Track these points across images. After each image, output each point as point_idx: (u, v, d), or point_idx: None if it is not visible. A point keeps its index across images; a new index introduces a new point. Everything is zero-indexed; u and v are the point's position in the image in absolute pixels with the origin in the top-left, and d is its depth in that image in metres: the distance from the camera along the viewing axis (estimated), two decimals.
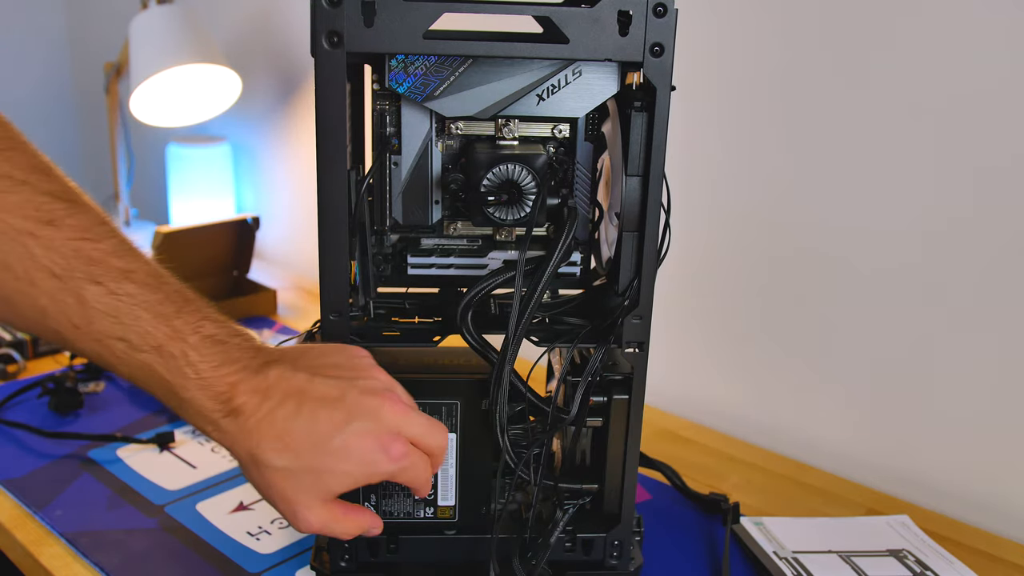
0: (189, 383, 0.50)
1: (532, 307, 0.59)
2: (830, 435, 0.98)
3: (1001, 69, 0.80)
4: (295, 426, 0.51)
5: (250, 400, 0.51)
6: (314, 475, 0.52)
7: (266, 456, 0.51)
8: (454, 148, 0.65)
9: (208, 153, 1.59)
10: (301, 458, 0.51)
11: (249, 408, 0.51)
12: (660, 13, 0.57)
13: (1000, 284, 0.84)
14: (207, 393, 0.51)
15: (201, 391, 0.51)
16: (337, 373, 0.54)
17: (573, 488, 0.67)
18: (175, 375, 0.50)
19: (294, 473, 0.52)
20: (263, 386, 0.51)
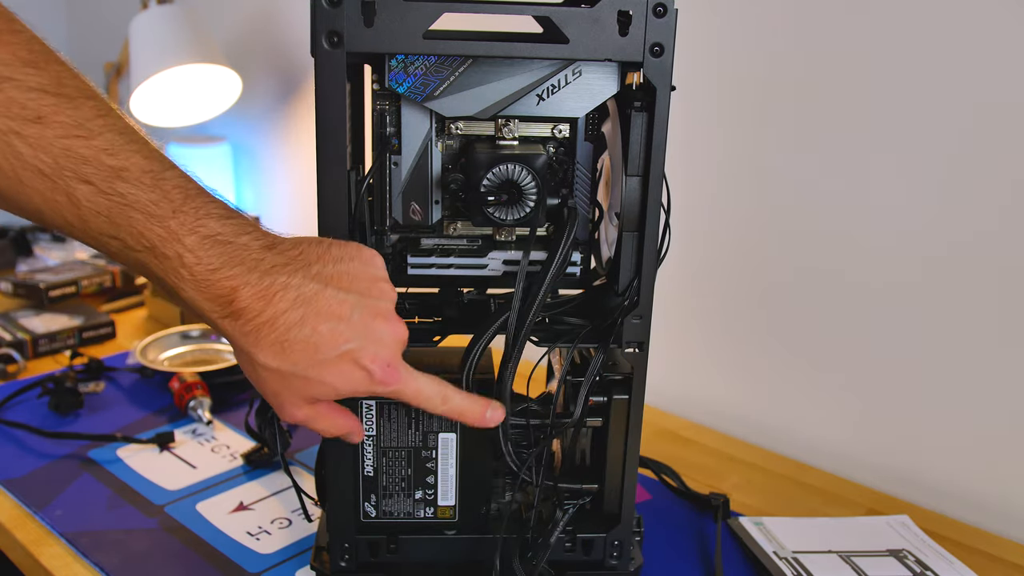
0: (185, 284, 0.49)
1: (535, 311, 0.59)
2: (830, 435, 0.98)
3: (1001, 69, 0.80)
4: (296, 335, 0.51)
5: (253, 304, 0.50)
6: (304, 381, 0.53)
7: (262, 357, 0.51)
8: (454, 148, 0.65)
9: (208, 153, 1.59)
10: (296, 365, 0.52)
11: (250, 312, 0.50)
12: (660, 13, 0.57)
13: (1000, 284, 0.84)
14: (204, 295, 0.50)
15: (198, 292, 0.50)
16: (349, 285, 0.53)
17: (573, 488, 0.67)
18: (171, 276, 0.49)
19: (285, 376, 0.52)
20: (268, 292, 0.51)
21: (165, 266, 0.49)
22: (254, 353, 0.51)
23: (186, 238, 0.49)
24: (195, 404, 0.98)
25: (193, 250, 0.49)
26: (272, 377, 0.53)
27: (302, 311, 0.51)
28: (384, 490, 0.67)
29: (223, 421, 0.99)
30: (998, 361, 0.85)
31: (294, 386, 0.53)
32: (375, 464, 0.67)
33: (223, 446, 0.94)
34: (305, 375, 0.52)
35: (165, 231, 0.48)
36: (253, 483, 0.86)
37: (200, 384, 1.00)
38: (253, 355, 0.52)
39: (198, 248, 0.49)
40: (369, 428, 0.66)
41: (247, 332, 0.51)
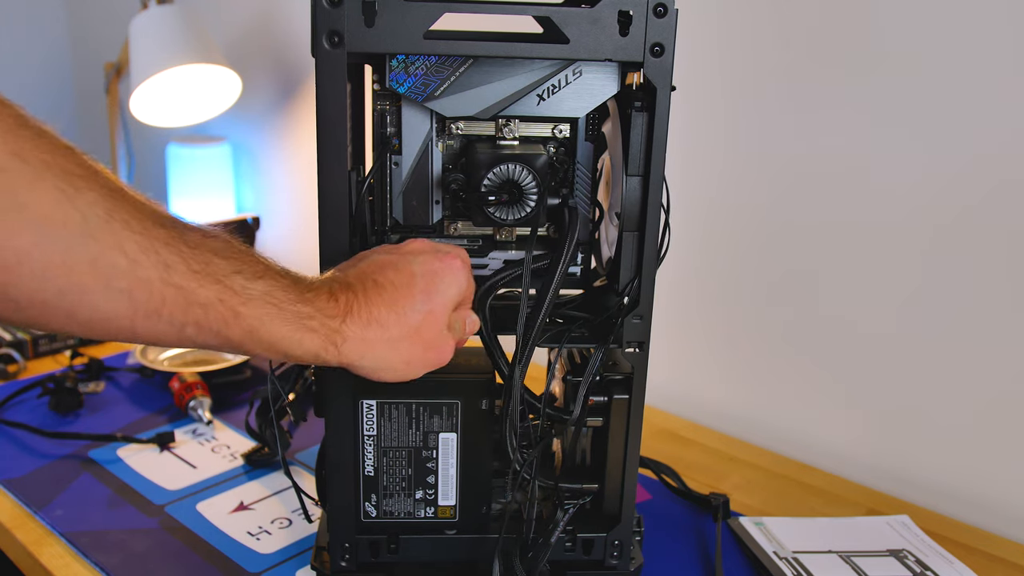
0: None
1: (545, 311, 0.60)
2: (830, 435, 0.98)
3: (1001, 68, 0.80)
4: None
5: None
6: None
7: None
8: (454, 148, 0.65)
9: (208, 153, 1.59)
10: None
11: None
12: (660, 13, 0.57)
13: (1000, 285, 0.84)
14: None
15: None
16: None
17: (573, 488, 0.67)
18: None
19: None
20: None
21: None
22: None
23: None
24: (195, 404, 0.98)
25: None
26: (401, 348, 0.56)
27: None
28: (384, 490, 0.67)
29: (223, 421, 0.99)
30: (998, 362, 0.85)
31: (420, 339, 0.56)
32: (375, 464, 0.67)
33: (223, 446, 0.94)
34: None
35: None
36: (253, 483, 0.86)
37: (200, 384, 1.00)
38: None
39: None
40: (369, 428, 0.66)
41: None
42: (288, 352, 0.52)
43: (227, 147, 1.63)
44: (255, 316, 0.49)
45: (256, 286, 0.49)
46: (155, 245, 0.44)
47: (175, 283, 0.45)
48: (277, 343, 0.51)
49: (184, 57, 1.39)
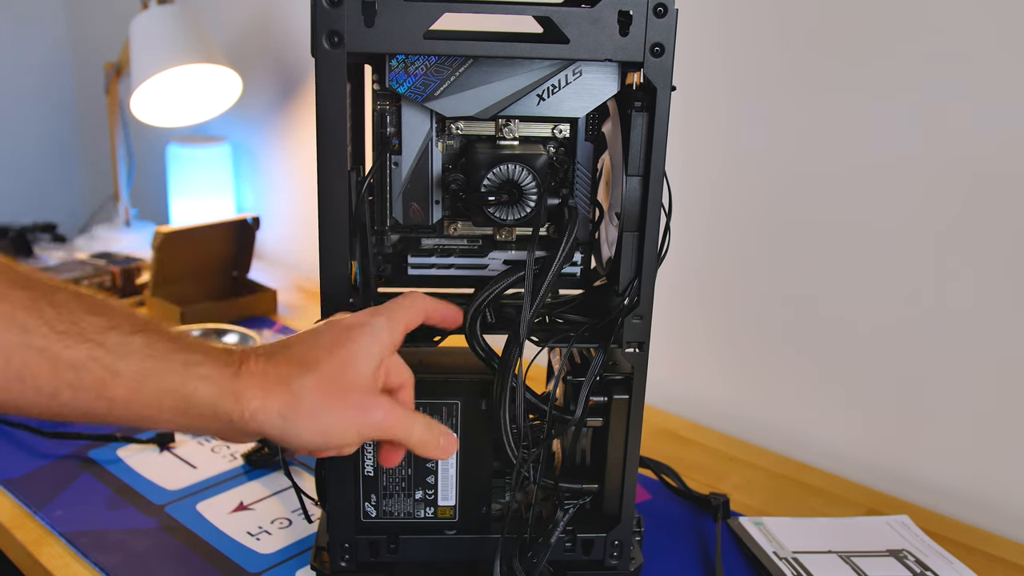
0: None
1: (535, 308, 0.59)
2: (830, 435, 0.98)
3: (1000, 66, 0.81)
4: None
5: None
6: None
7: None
8: (454, 148, 0.65)
9: (208, 153, 1.59)
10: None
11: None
12: (660, 13, 0.57)
13: (1000, 284, 0.84)
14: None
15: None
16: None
17: (573, 488, 0.67)
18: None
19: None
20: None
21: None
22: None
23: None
24: None
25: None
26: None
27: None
28: (384, 490, 0.67)
29: None
30: (998, 362, 0.85)
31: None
32: (375, 464, 0.67)
33: (223, 446, 0.93)
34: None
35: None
36: (253, 483, 0.86)
37: None
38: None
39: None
40: None
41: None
42: (182, 409, 0.47)
43: (227, 147, 1.63)
44: (135, 371, 0.46)
45: (134, 340, 0.46)
46: (11, 309, 0.43)
47: (36, 346, 0.43)
48: (165, 398, 0.47)
49: (184, 57, 1.39)
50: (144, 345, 0.46)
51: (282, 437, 0.50)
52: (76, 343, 0.44)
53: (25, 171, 1.97)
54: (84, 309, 0.46)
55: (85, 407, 0.46)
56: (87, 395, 0.45)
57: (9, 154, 1.95)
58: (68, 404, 0.45)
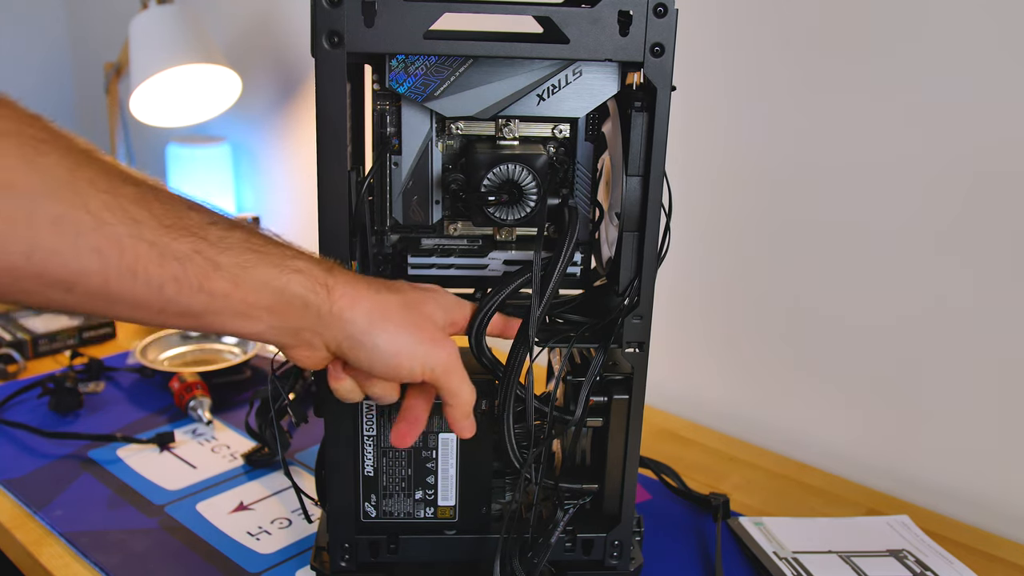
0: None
1: (543, 310, 0.59)
2: (830, 435, 0.98)
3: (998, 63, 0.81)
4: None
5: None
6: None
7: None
8: (454, 148, 0.65)
9: (208, 153, 1.59)
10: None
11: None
12: (660, 13, 0.57)
13: (1000, 284, 0.84)
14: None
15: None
16: None
17: (573, 488, 0.67)
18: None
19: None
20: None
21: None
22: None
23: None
24: (195, 404, 0.98)
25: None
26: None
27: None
28: (384, 490, 0.67)
29: (223, 421, 0.99)
30: (998, 361, 0.85)
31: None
32: (375, 464, 0.67)
33: (223, 446, 0.94)
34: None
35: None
36: (253, 483, 0.86)
37: (200, 384, 1.00)
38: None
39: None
40: (369, 428, 0.66)
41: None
42: (275, 301, 0.49)
43: (227, 147, 1.63)
44: (236, 263, 0.48)
45: (234, 235, 0.48)
46: (122, 203, 0.44)
47: (147, 238, 0.45)
48: (262, 290, 0.49)
49: (184, 57, 1.39)
50: (243, 239, 0.49)
51: (360, 338, 0.52)
52: (181, 236, 0.46)
53: None
54: (186, 206, 0.47)
55: (187, 301, 0.47)
56: (190, 288, 0.46)
57: None
58: (173, 299, 0.46)
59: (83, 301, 0.45)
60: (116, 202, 0.44)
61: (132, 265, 0.44)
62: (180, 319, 0.48)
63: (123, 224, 0.44)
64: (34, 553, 0.75)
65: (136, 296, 0.45)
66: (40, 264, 0.42)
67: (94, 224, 0.43)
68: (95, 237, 0.43)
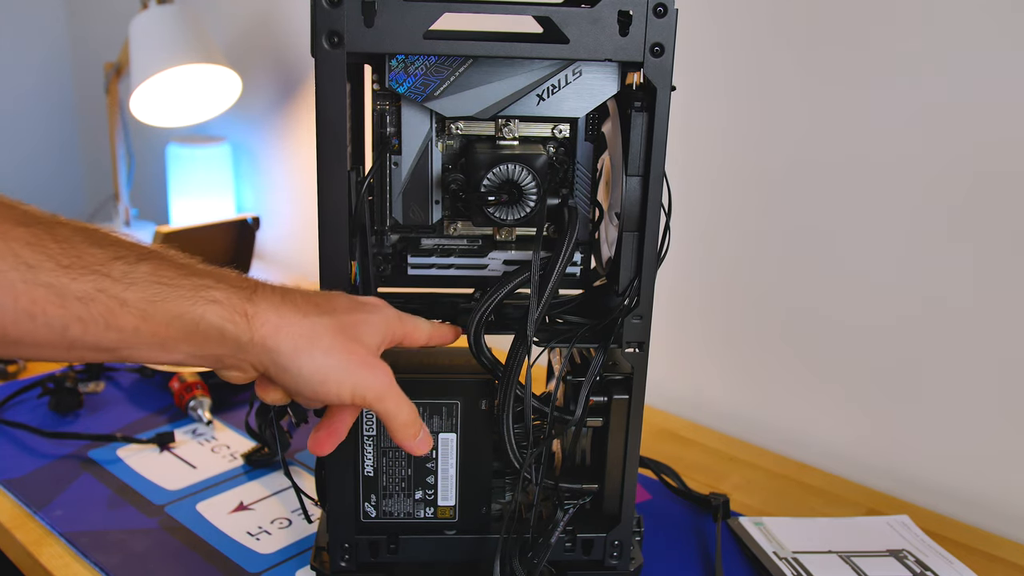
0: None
1: (541, 310, 0.59)
2: (830, 435, 0.98)
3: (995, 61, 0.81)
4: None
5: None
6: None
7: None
8: (454, 148, 0.65)
9: (208, 153, 1.59)
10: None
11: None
12: (660, 13, 0.57)
13: (1000, 283, 0.84)
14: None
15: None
16: None
17: (573, 488, 0.67)
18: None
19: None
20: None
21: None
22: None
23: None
24: (195, 404, 0.98)
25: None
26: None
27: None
28: (384, 490, 0.67)
29: (223, 421, 0.99)
30: (998, 361, 0.85)
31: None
32: (375, 464, 0.67)
33: (223, 446, 0.94)
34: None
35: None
36: (253, 483, 0.86)
37: (200, 384, 1.00)
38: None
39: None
40: (369, 428, 0.66)
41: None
42: (189, 333, 0.47)
43: (227, 147, 1.63)
44: (143, 298, 0.46)
45: (140, 268, 0.47)
46: (13, 247, 0.43)
47: (43, 282, 0.44)
48: (174, 323, 0.47)
49: (184, 57, 1.39)
50: (150, 272, 0.47)
51: (286, 365, 0.50)
52: (82, 275, 0.45)
53: (25, 171, 1.97)
54: (88, 242, 0.46)
55: (95, 340, 0.46)
56: (96, 327, 0.45)
57: (9, 154, 1.95)
58: (79, 338, 0.45)
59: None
60: (7, 247, 0.43)
61: (29, 309, 0.43)
62: (93, 354, 0.47)
63: (15, 270, 0.43)
64: (34, 553, 0.75)
65: (38, 338, 0.45)
66: None
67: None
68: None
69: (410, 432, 0.56)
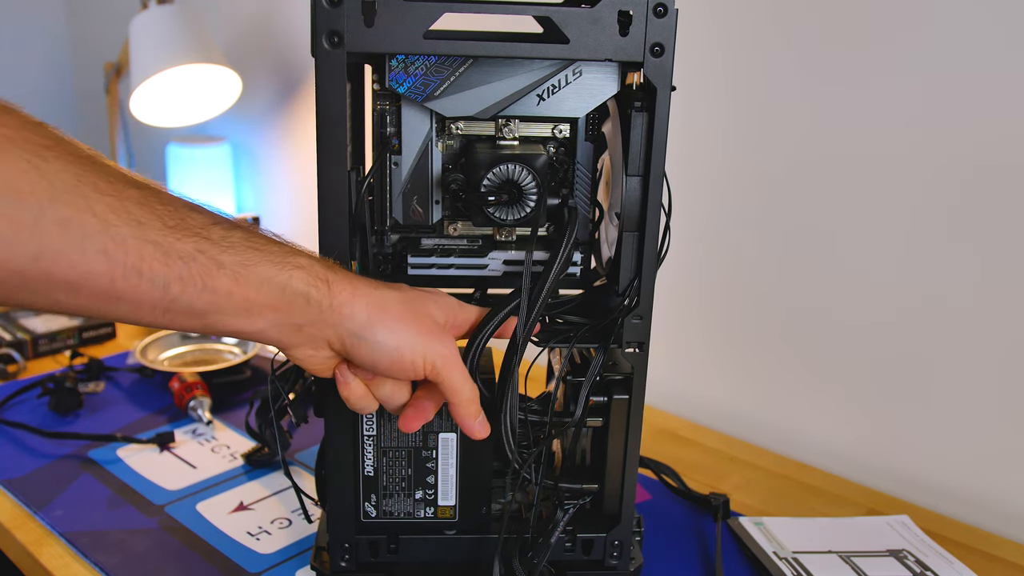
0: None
1: (537, 313, 0.59)
2: (830, 435, 0.98)
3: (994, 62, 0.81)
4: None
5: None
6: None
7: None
8: (454, 148, 0.65)
9: (208, 153, 1.59)
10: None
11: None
12: (660, 13, 0.57)
13: (1001, 283, 0.84)
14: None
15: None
16: None
17: (573, 488, 0.67)
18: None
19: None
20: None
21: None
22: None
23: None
24: (195, 404, 0.98)
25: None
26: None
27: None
28: (384, 490, 0.67)
29: (223, 421, 0.99)
30: (998, 361, 0.85)
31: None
32: (375, 464, 0.67)
33: (223, 446, 0.94)
34: None
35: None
36: (253, 483, 0.86)
37: (200, 384, 1.00)
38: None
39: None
40: (369, 428, 0.66)
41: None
42: (277, 298, 0.50)
43: (227, 147, 1.63)
44: (238, 261, 0.49)
45: (235, 234, 0.50)
46: (126, 205, 0.45)
47: (151, 239, 0.46)
48: (263, 287, 0.50)
49: (184, 57, 1.39)
50: (244, 238, 0.50)
51: (361, 333, 0.53)
52: (185, 236, 0.47)
53: None
54: (188, 208, 0.49)
55: (190, 301, 0.48)
56: (194, 287, 0.47)
57: None
58: (177, 298, 0.47)
59: (89, 302, 0.46)
60: (121, 205, 0.45)
61: (137, 264, 0.45)
62: (184, 318, 0.49)
63: (128, 226, 0.45)
64: (34, 553, 0.75)
65: (141, 295, 0.46)
66: (48, 266, 0.43)
67: (100, 226, 0.44)
68: (101, 239, 0.44)
69: (472, 410, 0.57)
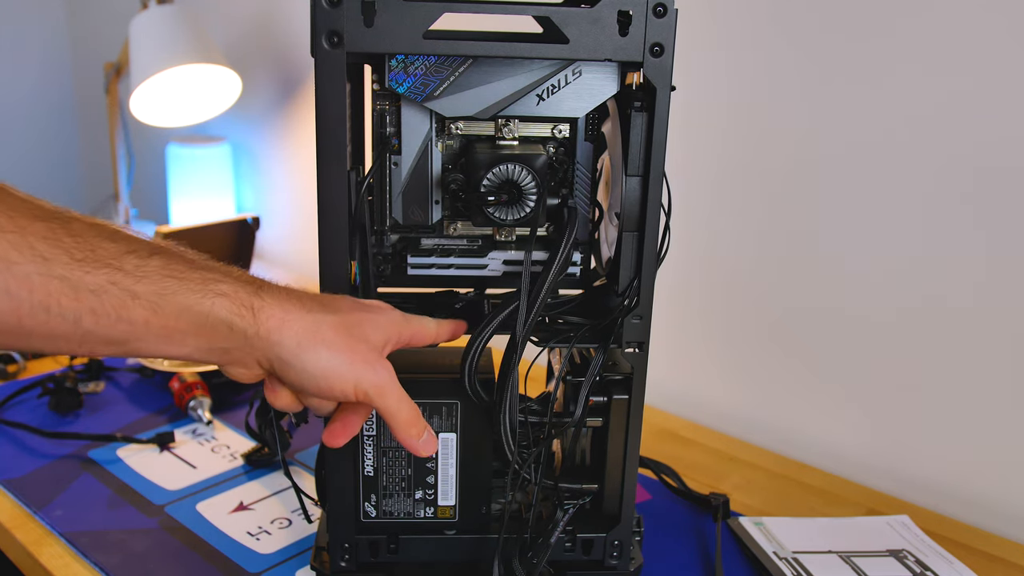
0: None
1: (537, 311, 0.59)
2: (830, 435, 0.98)
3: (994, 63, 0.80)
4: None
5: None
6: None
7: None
8: (454, 148, 0.65)
9: (208, 153, 1.59)
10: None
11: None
12: (660, 13, 0.57)
13: (1001, 283, 0.84)
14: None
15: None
16: None
17: (573, 488, 0.67)
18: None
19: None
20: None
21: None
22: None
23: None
24: (195, 404, 0.98)
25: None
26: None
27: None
28: (384, 490, 0.67)
29: (223, 421, 0.99)
30: (998, 361, 0.85)
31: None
32: (375, 464, 0.67)
33: (223, 446, 0.94)
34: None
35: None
36: (253, 483, 0.86)
37: (200, 384, 1.00)
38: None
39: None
40: (369, 428, 0.66)
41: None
42: (198, 326, 0.49)
43: (227, 147, 1.63)
44: (154, 291, 0.47)
45: (151, 262, 0.48)
46: (30, 240, 0.44)
47: (57, 274, 0.45)
48: (183, 315, 0.48)
49: (184, 57, 1.39)
50: (161, 266, 0.48)
51: (289, 360, 0.51)
52: (95, 269, 0.46)
53: (25, 171, 1.97)
54: (101, 236, 0.47)
55: (106, 332, 0.47)
56: (108, 319, 0.46)
57: (9, 154, 1.95)
58: (91, 331, 0.46)
59: (2, 341, 0.45)
60: (24, 241, 0.44)
61: (44, 301, 0.45)
62: (102, 347, 0.48)
63: (31, 263, 0.44)
64: (34, 553, 0.75)
65: (52, 330, 0.46)
66: None
67: (1, 266, 0.43)
68: (2, 278, 0.43)
69: (412, 432, 0.56)
